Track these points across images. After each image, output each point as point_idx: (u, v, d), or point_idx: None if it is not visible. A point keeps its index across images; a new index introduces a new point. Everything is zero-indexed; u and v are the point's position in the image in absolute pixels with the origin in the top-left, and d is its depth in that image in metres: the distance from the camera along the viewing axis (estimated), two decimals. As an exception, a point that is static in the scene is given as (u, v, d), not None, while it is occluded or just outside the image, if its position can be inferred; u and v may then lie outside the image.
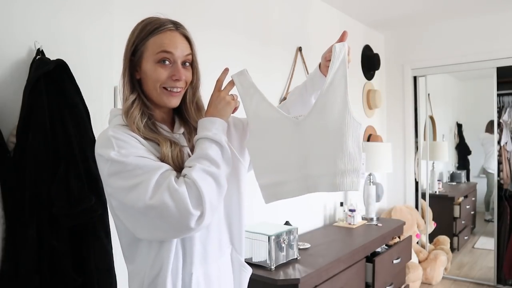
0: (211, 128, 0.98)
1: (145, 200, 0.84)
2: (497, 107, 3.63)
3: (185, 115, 1.07)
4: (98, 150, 0.92)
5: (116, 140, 0.90)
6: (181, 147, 1.00)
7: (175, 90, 0.99)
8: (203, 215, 0.86)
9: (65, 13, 1.51)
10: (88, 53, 1.58)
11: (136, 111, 0.96)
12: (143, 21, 1.01)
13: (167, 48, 0.96)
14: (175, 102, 1.01)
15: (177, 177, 0.90)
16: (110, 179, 0.89)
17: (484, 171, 4.19)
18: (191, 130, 1.07)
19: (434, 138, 4.17)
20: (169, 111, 1.07)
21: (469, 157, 4.39)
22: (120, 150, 0.88)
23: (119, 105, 1.83)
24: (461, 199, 4.12)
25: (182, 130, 1.07)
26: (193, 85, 1.05)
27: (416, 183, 3.91)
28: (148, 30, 0.97)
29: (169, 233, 0.89)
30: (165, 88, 0.98)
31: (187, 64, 1.01)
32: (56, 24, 1.49)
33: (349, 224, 2.91)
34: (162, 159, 0.94)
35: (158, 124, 1.01)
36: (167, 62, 0.97)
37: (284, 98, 2.31)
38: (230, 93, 1.05)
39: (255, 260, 1.97)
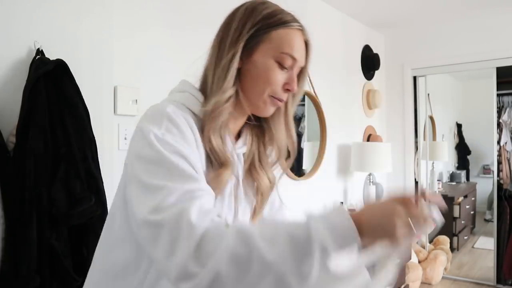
0: (339, 240, 0.60)
1: (146, 212, 0.64)
2: (497, 107, 3.63)
3: (265, 129, 0.87)
4: (143, 121, 0.74)
5: (169, 121, 0.71)
6: (239, 181, 0.83)
7: (280, 102, 0.81)
8: (196, 284, 0.59)
9: (65, 13, 1.51)
10: (88, 53, 1.58)
11: (225, 112, 0.77)
12: (264, 2, 0.81)
13: (295, 53, 0.78)
14: (270, 113, 0.83)
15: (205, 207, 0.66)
16: (135, 160, 0.71)
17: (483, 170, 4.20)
18: (259, 151, 0.88)
19: (434, 138, 4.18)
20: (244, 120, 0.86)
21: (469, 157, 4.39)
22: (165, 136, 0.70)
23: (120, 106, 1.82)
24: (460, 199, 4.12)
25: (244, 148, 0.86)
26: (295, 98, 0.87)
27: (416, 183, 3.91)
28: (278, 19, 0.78)
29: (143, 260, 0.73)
30: (272, 96, 0.79)
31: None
32: (56, 24, 1.49)
33: (349, 224, 2.91)
34: (209, 182, 0.73)
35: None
36: (286, 67, 0.79)
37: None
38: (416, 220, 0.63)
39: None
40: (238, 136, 0.87)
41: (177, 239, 0.60)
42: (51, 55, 1.40)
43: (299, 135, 2.97)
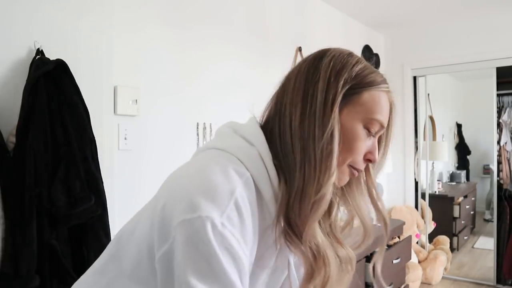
0: None
1: None
2: (497, 107, 3.63)
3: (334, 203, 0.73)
4: (197, 194, 0.56)
5: (235, 208, 0.57)
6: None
7: (358, 172, 0.69)
8: None
9: (65, 13, 1.51)
10: (88, 53, 1.58)
11: (329, 197, 0.63)
12: (351, 54, 0.68)
13: (383, 119, 0.67)
14: (344, 183, 0.70)
15: None
16: (184, 254, 0.55)
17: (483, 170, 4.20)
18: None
19: (434, 138, 4.18)
20: None
21: (469, 157, 4.39)
22: (225, 229, 0.55)
23: (120, 107, 1.82)
24: (460, 199, 4.12)
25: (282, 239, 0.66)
26: (376, 168, 0.75)
27: (416, 183, 3.91)
28: (370, 78, 0.66)
29: None
30: (351, 165, 0.67)
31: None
32: (56, 24, 1.49)
33: (349, 224, 2.90)
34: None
35: None
36: (373, 134, 0.67)
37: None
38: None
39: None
40: None
41: None
42: (51, 55, 1.40)
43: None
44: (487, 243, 3.86)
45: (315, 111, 0.62)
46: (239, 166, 0.61)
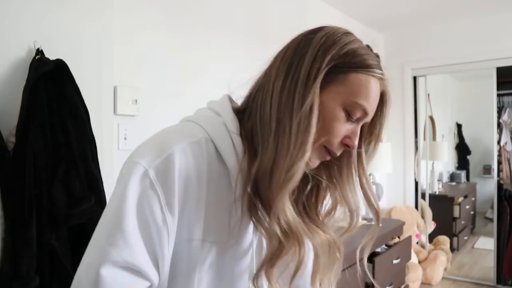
0: None
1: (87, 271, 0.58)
2: (497, 107, 3.63)
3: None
4: (138, 148, 0.63)
5: (164, 171, 0.59)
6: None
7: (331, 156, 0.67)
8: None
9: (65, 13, 1.51)
10: (87, 53, 1.58)
11: (301, 172, 0.61)
12: (347, 34, 0.66)
13: (369, 105, 0.64)
14: (314, 166, 0.67)
15: None
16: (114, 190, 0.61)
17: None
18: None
19: (434, 138, 4.18)
20: None
21: (469, 157, 4.39)
22: (148, 191, 0.58)
23: (120, 106, 1.81)
24: (460, 199, 4.12)
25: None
26: (367, 157, 0.72)
27: (416, 183, 3.91)
28: (362, 60, 0.63)
29: None
30: (325, 145, 0.65)
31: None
32: (56, 24, 1.49)
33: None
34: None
35: None
36: (353, 119, 0.65)
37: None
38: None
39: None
40: None
41: None
42: (51, 55, 1.40)
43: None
44: (487, 243, 3.86)
45: (296, 83, 0.61)
46: (198, 131, 0.64)
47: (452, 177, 4.40)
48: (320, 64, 0.61)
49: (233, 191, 0.63)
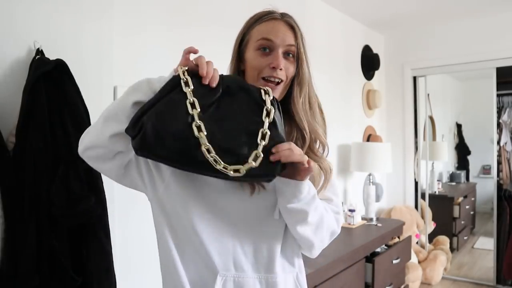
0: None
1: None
2: (497, 107, 3.64)
3: (292, 113, 0.93)
4: None
5: None
6: None
7: (272, 79, 0.90)
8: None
9: (65, 13, 1.51)
10: (87, 53, 1.58)
11: None
12: (258, 12, 0.99)
13: (267, 35, 0.91)
14: (276, 95, 0.89)
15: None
16: None
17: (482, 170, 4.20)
18: (297, 133, 0.94)
19: (434, 138, 4.18)
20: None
21: (469, 157, 4.39)
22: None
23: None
24: (460, 199, 4.12)
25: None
26: (299, 79, 0.93)
27: (416, 183, 3.91)
28: (254, 19, 0.96)
29: None
30: (263, 78, 0.91)
31: (290, 55, 0.93)
32: (56, 24, 1.49)
33: (349, 224, 2.91)
34: None
35: None
36: (267, 50, 0.91)
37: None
38: None
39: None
40: None
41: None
42: (51, 55, 1.40)
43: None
44: (487, 243, 3.86)
45: (231, 56, 1.00)
46: None
47: (452, 177, 4.40)
48: (236, 41, 0.99)
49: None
